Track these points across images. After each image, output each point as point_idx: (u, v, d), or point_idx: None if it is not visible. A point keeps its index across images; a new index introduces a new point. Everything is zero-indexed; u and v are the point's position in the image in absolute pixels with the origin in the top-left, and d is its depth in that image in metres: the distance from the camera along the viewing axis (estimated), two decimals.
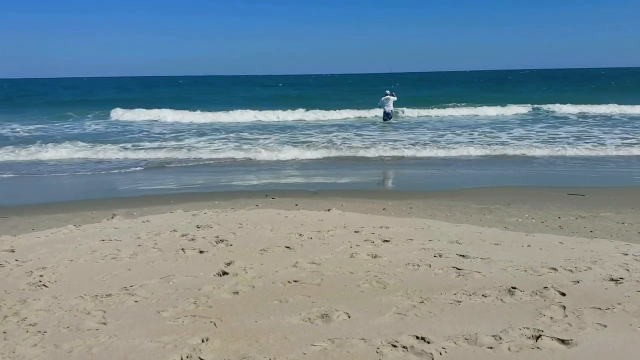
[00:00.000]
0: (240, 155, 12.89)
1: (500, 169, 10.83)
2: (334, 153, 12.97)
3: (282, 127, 19.77)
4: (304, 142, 14.91)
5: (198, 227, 5.47)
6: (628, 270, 3.80)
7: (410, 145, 13.80)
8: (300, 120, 22.52)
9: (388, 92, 20.24)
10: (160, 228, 5.52)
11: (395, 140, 15.01)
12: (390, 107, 20.21)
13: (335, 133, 17.27)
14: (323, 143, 14.65)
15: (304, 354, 2.66)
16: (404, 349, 2.67)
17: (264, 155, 12.71)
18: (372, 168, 11.36)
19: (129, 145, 14.73)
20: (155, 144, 14.91)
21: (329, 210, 6.54)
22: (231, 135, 17.01)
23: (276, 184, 9.57)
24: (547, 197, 7.67)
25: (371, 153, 12.85)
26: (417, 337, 2.78)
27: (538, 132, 16.94)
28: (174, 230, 5.39)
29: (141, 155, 13.18)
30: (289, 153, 12.79)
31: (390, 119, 20.32)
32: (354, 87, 52.98)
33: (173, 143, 15.24)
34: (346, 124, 20.68)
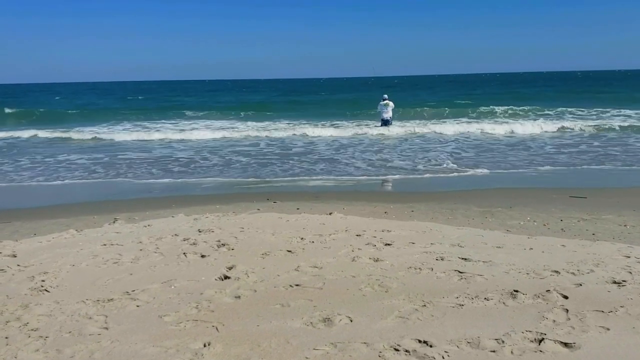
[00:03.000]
0: None
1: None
2: None
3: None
4: None
5: (199, 231, 5.47)
6: (631, 272, 3.79)
7: None
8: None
9: (386, 96, 18.82)
10: (161, 232, 5.53)
11: None
12: (389, 114, 18.78)
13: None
14: None
15: (306, 358, 2.66)
16: (406, 353, 2.66)
17: None
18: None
19: None
20: None
21: (330, 214, 6.54)
22: None
23: (276, 187, 9.57)
24: (548, 200, 7.66)
25: None
26: (420, 341, 2.77)
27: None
28: (175, 234, 5.39)
29: None
30: None
31: (390, 124, 18.81)
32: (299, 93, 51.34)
33: None
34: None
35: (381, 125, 18.85)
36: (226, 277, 3.96)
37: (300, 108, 30.37)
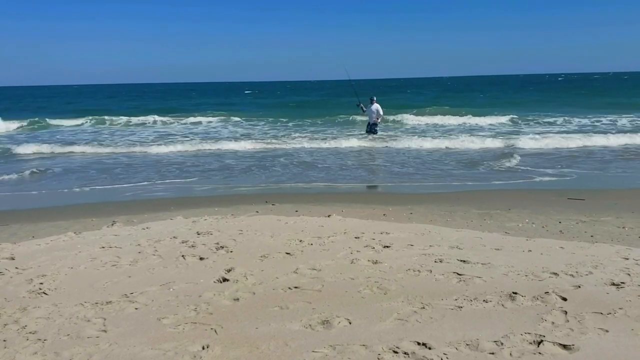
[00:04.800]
0: None
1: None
2: None
3: None
4: None
5: (198, 234, 5.47)
6: (629, 274, 3.79)
7: None
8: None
9: (374, 98, 16.33)
10: (160, 235, 5.52)
11: None
12: (374, 118, 16.52)
13: None
14: None
15: None
16: (405, 355, 2.66)
17: None
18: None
19: None
20: None
21: (329, 216, 6.54)
22: None
23: (274, 189, 9.56)
24: (547, 202, 7.67)
25: None
26: (419, 343, 2.77)
27: None
28: (174, 237, 5.38)
29: None
30: None
31: (375, 133, 16.55)
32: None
33: None
34: None
35: (367, 131, 16.88)
36: (225, 280, 3.96)
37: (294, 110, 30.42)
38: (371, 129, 16.68)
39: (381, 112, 16.71)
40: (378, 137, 16.49)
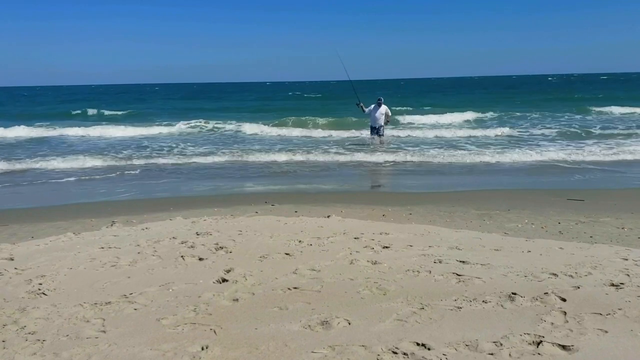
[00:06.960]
0: None
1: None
2: None
3: None
4: None
5: (197, 234, 5.46)
6: (628, 275, 3.79)
7: None
8: None
9: (381, 99, 15.10)
10: (159, 235, 5.52)
11: None
12: (380, 121, 15.17)
13: None
14: None
15: None
16: (404, 356, 2.66)
17: None
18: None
19: None
20: None
21: (328, 216, 6.54)
22: None
23: (274, 189, 9.56)
24: (546, 203, 7.67)
25: None
26: (418, 344, 2.77)
27: None
28: (173, 237, 5.38)
29: None
30: None
31: (380, 136, 15.38)
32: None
33: None
34: None
35: (372, 134, 15.62)
36: (224, 280, 3.96)
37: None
38: (378, 131, 15.41)
39: (390, 114, 15.79)
40: (387, 145, 15.48)
